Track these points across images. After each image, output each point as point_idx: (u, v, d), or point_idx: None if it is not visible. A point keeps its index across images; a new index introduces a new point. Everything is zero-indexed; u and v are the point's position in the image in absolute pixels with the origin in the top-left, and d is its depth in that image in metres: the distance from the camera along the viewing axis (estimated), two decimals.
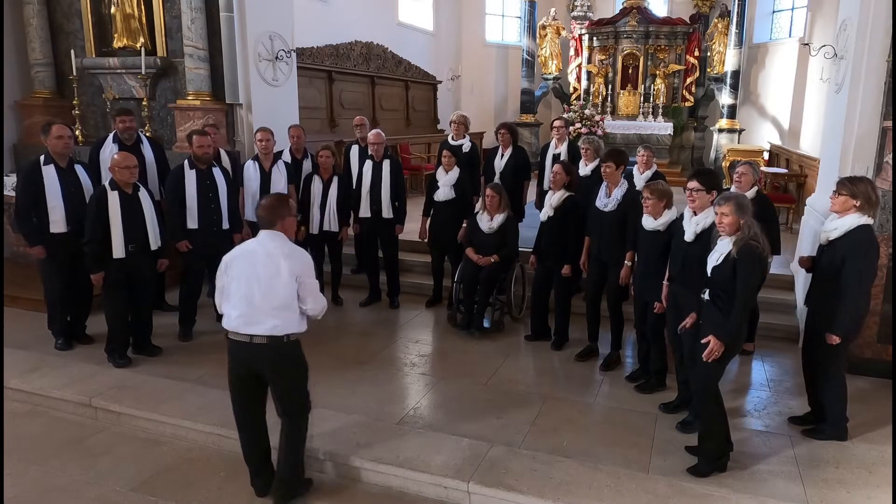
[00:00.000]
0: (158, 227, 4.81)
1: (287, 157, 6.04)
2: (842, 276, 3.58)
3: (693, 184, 3.79)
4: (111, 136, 5.57)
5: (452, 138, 6.51)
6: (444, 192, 5.80)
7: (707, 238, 3.64)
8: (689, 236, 3.79)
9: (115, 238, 4.54)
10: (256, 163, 5.73)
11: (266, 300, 3.06)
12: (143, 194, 4.71)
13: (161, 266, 4.97)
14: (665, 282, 4.09)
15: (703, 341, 3.31)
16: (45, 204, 4.80)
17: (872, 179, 3.77)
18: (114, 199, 4.53)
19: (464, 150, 6.32)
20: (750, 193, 4.49)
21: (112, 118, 5.83)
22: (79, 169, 5.00)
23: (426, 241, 6.10)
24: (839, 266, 3.60)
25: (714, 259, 3.40)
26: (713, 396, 3.47)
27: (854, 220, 3.60)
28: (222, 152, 5.93)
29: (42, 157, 4.85)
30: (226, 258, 3.21)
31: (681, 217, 3.99)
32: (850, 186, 3.63)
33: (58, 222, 4.84)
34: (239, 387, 3.26)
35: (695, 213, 3.80)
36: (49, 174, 4.81)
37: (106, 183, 4.64)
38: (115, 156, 4.68)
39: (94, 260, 4.58)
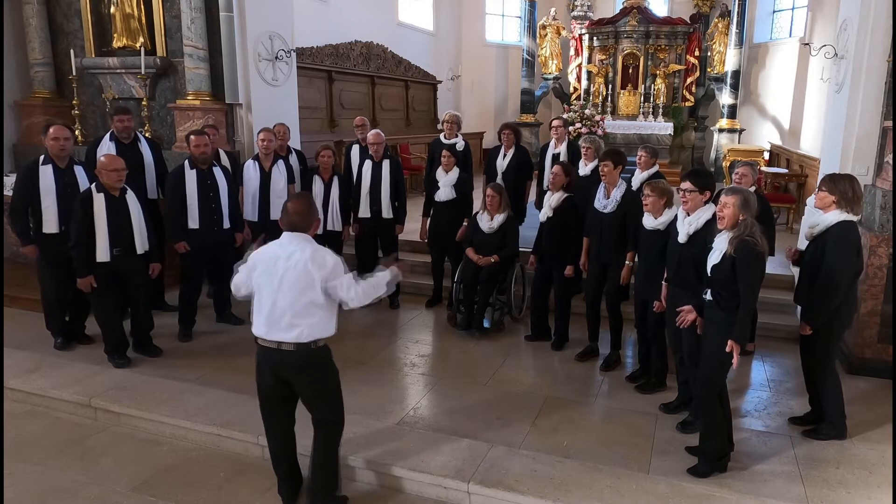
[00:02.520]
0: (146, 230, 4.72)
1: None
2: (822, 268, 3.61)
3: (686, 184, 3.76)
4: (108, 134, 5.54)
5: (445, 137, 6.52)
6: (444, 193, 5.79)
7: (700, 239, 3.63)
8: (682, 238, 3.77)
9: (99, 241, 4.47)
10: (256, 162, 5.72)
11: (291, 306, 2.97)
12: (130, 196, 4.62)
13: (153, 271, 4.90)
14: (664, 282, 4.08)
15: (728, 350, 3.28)
16: (39, 204, 4.78)
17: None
18: (99, 201, 4.45)
19: (458, 149, 6.33)
20: None
21: (110, 117, 5.82)
22: (78, 170, 4.96)
23: (426, 241, 6.09)
24: (819, 261, 3.63)
25: (713, 258, 3.39)
26: (717, 396, 3.46)
27: (835, 216, 3.62)
28: (222, 153, 5.92)
29: (41, 158, 4.83)
30: (253, 256, 3.11)
31: (676, 217, 3.98)
32: (829, 183, 3.68)
33: (50, 223, 4.82)
34: (267, 392, 3.15)
35: (688, 214, 3.79)
36: (46, 174, 4.78)
37: (92, 185, 4.57)
38: (102, 158, 4.58)
39: (80, 263, 4.50)
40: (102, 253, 4.50)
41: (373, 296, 3.17)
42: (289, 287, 2.97)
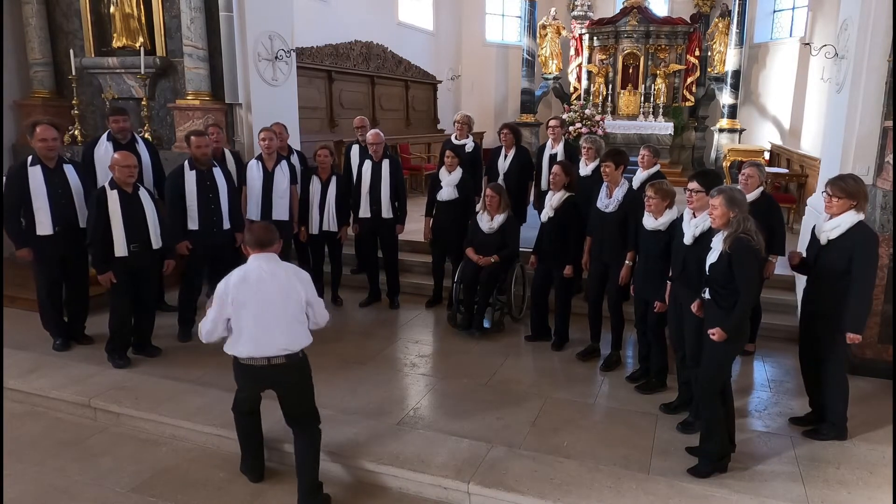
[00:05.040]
0: (160, 226, 4.77)
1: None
2: (853, 275, 3.55)
3: (693, 185, 3.79)
4: (105, 135, 5.53)
5: (456, 138, 6.51)
6: (446, 192, 5.79)
7: (706, 241, 3.63)
8: (687, 239, 3.78)
9: (116, 237, 4.51)
10: (259, 162, 5.72)
11: (281, 321, 3.15)
12: (143, 193, 4.69)
13: (168, 267, 4.92)
14: (668, 280, 4.08)
15: (710, 332, 3.30)
16: (31, 205, 4.72)
17: (859, 176, 3.79)
18: (113, 198, 4.50)
19: (467, 150, 6.32)
20: (755, 194, 4.49)
21: (105, 117, 5.79)
22: (68, 169, 4.90)
23: (429, 241, 6.09)
24: (843, 266, 3.58)
25: (711, 257, 3.40)
26: (719, 396, 3.46)
27: (852, 217, 3.60)
28: (227, 152, 5.92)
29: (29, 158, 4.76)
30: (224, 286, 3.16)
31: (681, 218, 3.98)
32: (841, 188, 3.62)
33: (44, 224, 4.75)
34: (250, 402, 3.44)
35: (694, 215, 3.80)
36: (35, 175, 4.71)
37: (106, 183, 4.61)
38: (116, 155, 4.64)
39: (97, 260, 4.56)
40: (120, 248, 4.53)
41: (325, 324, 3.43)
42: (279, 303, 3.14)
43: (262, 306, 3.11)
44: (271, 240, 3.21)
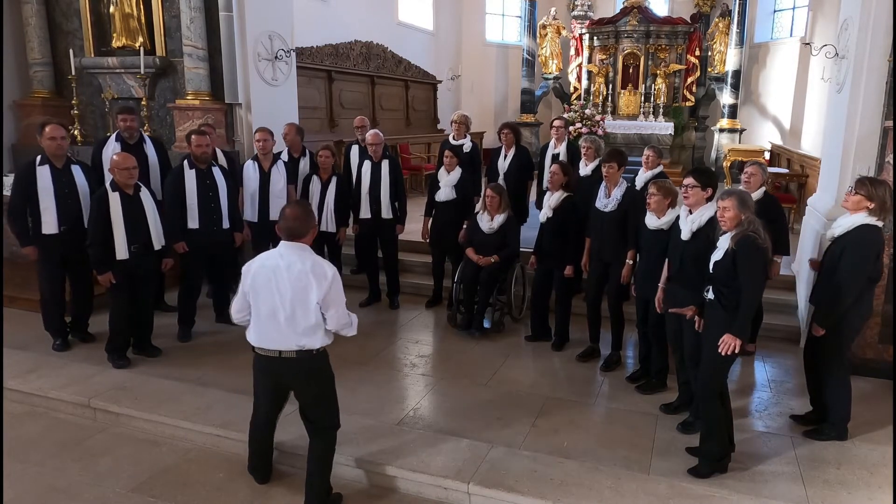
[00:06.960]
0: (161, 226, 4.77)
1: (285, 156, 6.02)
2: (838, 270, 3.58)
3: (689, 180, 3.79)
4: (114, 135, 5.54)
5: (454, 138, 6.50)
6: (445, 193, 5.78)
7: (703, 236, 3.63)
8: (685, 234, 3.78)
9: (117, 239, 4.51)
10: (256, 163, 5.72)
11: (293, 317, 3.03)
12: (144, 194, 4.68)
13: (166, 266, 4.94)
14: (661, 284, 4.07)
15: (720, 344, 3.27)
16: (38, 204, 4.75)
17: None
18: (115, 200, 4.49)
19: (465, 150, 6.31)
20: (758, 194, 4.51)
21: (114, 117, 5.80)
22: (75, 170, 4.92)
23: (428, 241, 6.08)
24: (838, 262, 3.61)
25: (716, 255, 3.40)
26: (718, 396, 3.45)
27: (860, 218, 3.60)
28: (219, 152, 5.91)
29: (38, 158, 4.79)
30: (246, 268, 3.13)
31: (678, 216, 3.98)
32: (869, 188, 3.59)
33: (49, 223, 4.78)
34: (265, 393, 3.31)
35: (690, 212, 3.80)
36: (43, 175, 4.74)
37: (107, 184, 4.61)
38: (115, 156, 4.63)
39: (97, 261, 4.55)
40: (121, 251, 4.53)
41: (341, 329, 3.25)
42: (289, 297, 3.02)
43: (273, 296, 3.03)
44: (302, 231, 3.05)
